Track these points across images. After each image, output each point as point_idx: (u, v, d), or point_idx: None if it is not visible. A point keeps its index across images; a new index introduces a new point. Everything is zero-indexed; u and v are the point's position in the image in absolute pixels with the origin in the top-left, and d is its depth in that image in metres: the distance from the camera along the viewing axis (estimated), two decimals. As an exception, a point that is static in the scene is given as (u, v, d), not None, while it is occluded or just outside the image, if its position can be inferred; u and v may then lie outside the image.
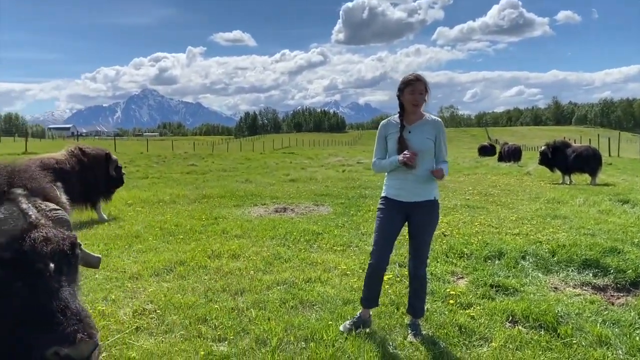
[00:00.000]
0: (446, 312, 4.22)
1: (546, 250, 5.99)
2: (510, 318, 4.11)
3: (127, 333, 3.92)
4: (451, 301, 4.46)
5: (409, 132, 3.76)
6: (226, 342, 3.75)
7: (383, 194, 3.95)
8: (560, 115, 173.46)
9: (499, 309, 4.25)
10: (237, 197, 11.54)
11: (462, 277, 5.29)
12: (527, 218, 8.53)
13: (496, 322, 4.00)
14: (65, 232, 1.77)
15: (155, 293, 4.79)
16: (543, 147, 16.27)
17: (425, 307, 4.02)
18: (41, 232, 1.65)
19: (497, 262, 5.72)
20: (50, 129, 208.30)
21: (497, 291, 4.77)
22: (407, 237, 4.00)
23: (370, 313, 4.04)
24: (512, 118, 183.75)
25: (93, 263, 2.17)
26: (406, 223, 3.91)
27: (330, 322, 4.02)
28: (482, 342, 3.70)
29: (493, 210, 9.50)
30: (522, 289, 4.82)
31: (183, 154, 37.86)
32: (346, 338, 3.71)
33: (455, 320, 4.03)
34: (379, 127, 3.99)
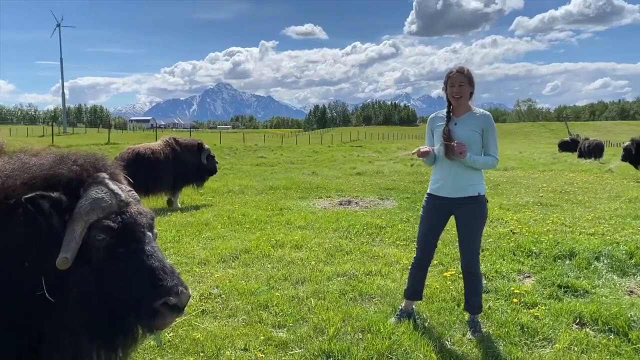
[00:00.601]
0: (508, 311, 4.11)
1: (623, 251, 5.65)
2: (578, 320, 3.94)
3: (193, 315, 4.12)
4: (515, 300, 4.33)
5: (455, 124, 3.76)
6: (285, 329, 3.85)
7: (428, 191, 3.96)
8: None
9: (565, 310, 4.07)
10: (303, 189, 11.72)
11: (528, 276, 5.11)
12: (605, 218, 8.07)
13: (562, 324, 3.85)
14: (147, 208, 2.06)
15: (221, 279, 4.99)
16: (627, 143, 15.27)
17: (482, 304, 3.94)
18: (135, 208, 1.93)
19: (567, 262, 5.47)
20: (131, 120, 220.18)
21: (565, 292, 4.57)
22: (453, 231, 3.96)
23: (414, 306, 4.08)
24: (595, 112, 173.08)
25: None
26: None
27: (388, 315, 4.04)
28: (545, 343, 3.58)
29: (568, 209, 9.06)
30: (593, 290, 4.59)
31: (253, 146, 38.83)
32: (403, 332, 3.70)
33: (518, 319, 3.91)
34: (428, 120, 4.04)
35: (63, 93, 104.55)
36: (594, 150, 23.50)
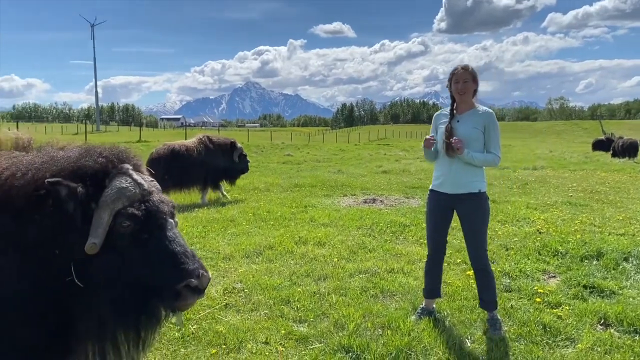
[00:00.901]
0: (531, 310, 4.07)
1: (654, 252, 5.52)
2: (602, 321, 3.87)
3: (216, 309, 4.21)
4: (538, 299, 4.28)
5: (457, 121, 3.79)
6: (306, 324, 3.91)
7: (430, 187, 4.02)
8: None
9: (590, 310, 4.01)
10: (328, 187, 11.76)
11: (553, 276, 5.05)
12: (636, 218, 7.89)
13: (585, 324, 3.79)
14: (168, 197, 2.18)
15: (245, 274, 5.07)
16: None
17: (497, 300, 3.91)
18: (157, 196, 2.05)
19: (594, 262, 5.37)
20: (162, 119, 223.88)
21: (590, 292, 4.50)
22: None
23: (434, 304, 4.10)
24: (631, 110, 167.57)
25: None
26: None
27: (409, 313, 4.05)
28: (567, 343, 3.54)
29: (597, 209, 8.88)
30: (620, 292, 4.51)
31: (280, 144, 39.05)
32: (423, 329, 3.72)
33: (540, 318, 3.87)
34: (433, 118, 4.09)
35: (96, 92, 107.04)
36: (628, 150, 22.86)
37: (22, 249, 1.94)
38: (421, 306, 4.10)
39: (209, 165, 9.89)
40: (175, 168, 9.15)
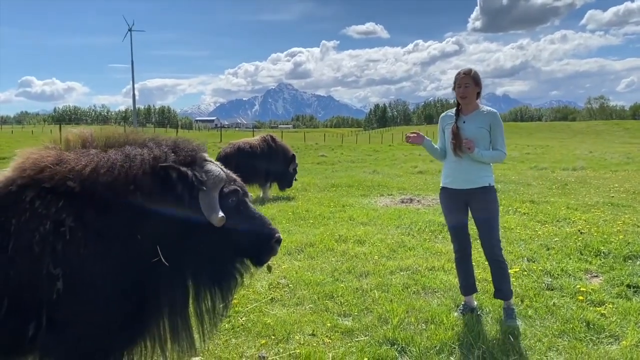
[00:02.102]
0: (574, 308, 4.09)
1: (700, 253, 5.44)
2: (647, 319, 3.88)
3: (263, 302, 4.39)
4: (580, 297, 4.30)
5: (464, 122, 3.96)
6: (350, 318, 4.04)
7: (441, 185, 4.19)
8: None
9: (634, 309, 4.02)
10: (364, 187, 11.87)
11: (596, 276, 5.03)
12: (682, 219, 7.71)
13: (630, 322, 3.80)
14: None
15: (288, 270, 5.24)
16: None
17: (512, 289, 4.02)
18: (239, 180, 2.54)
19: (638, 262, 5.33)
20: (196, 121, 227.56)
21: (635, 292, 4.49)
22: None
23: (475, 301, 4.19)
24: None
25: None
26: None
27: (451, 309, 4.14)
28: (611, 340, 3.56)
29: (641, 210, 8.71)
30: (665, 292, 4.48)
31: (314, 145, 39.29)
32: (466, 324, 3.80)
33: (584, 316, 3.89)
34: (439, 119, 4.28)
35: (134, 94, 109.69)
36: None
37: (123, 235, 2.20)
38: (462, 303, 4.19)
39: (270, 162, 10.38)
40: (241, 164, 9.62)
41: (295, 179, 11.02)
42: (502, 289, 3.96)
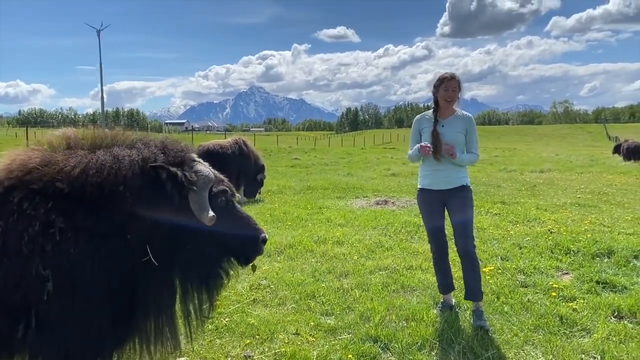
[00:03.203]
0: (547, 304, 4.26)
1: (663, 251, 5.70)
2: (616, 313, 4.06)
3: (245, 303, 4.42)
4: (553, 293, 4.47)
5: (442, 125, 4.03)
6: (333, 316, 4.11)
7: (419, 186, 4.25)
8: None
9: (603, 303, 4.20)
10: (340, 189, 11.97)
11: (567, 273, 5.23)
12: (645, 218, 8.05)
13: (600, 316, 3.98)
14: None
15: (268, 271, 5.27)
16: None
17: (483, 290, 4.06)
18: (226, 181, 2.59)
19: (606, 260, 5.56)
20: (166, 123, 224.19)
21: (603, 287, 4.69)
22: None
23: (453, 298, 4.28)
24: (635, 114, 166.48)
25: None
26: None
27: (430, 306, 4.24)
28: (583, 333, 3.72)
29: (606, 210, 9.05)
30: (631, 287, 4.68)
31: (287, 148, 39.29)
32: (446, 321, 3.90)
33: (557, 311, 4.06)
34: (414, 121, 4.29)
35: (102, 97, 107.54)
36: (634, 152, 22.94)
37: (108, 235, 2.20)
38: (441, 301, 4.30)
39: (241, 165, 10.24)
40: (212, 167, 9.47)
41: (260, 190, 10.75)
42: (473, 286, 3.98)
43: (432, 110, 4.15)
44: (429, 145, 3.95)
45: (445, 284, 4.24)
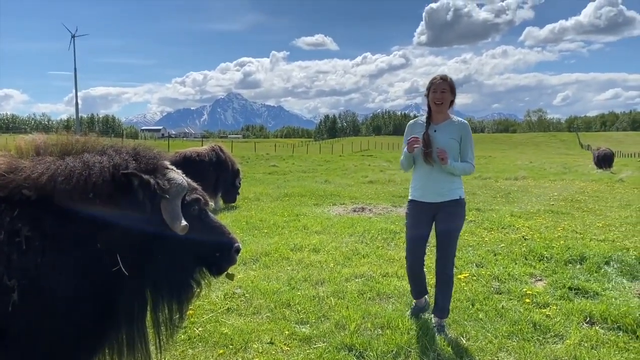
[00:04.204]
0: (521, 310, 4.29)
1: (633, 257, 5.81)
2: (588, 319, 4.11)
3: (219, 312, 4.35)
4: (527, 300, 4.51)
5: (435, 130, 3.84)
6: (308, 325, 4.06)
7: (409, 197, 4.05)
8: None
9: (576, 309, 4.25)
10: (317, 197, 11.95)
11: (540, 279, 5.29)
12: (615, 225, 8.22)
13: (572, 322, 4.03)
14: None
15: (243, 279, 5.21)
16: None
17: (450, 308, 4.05)
18: (200, 189, 2.52)
19: (578, 266, 5.64)
20: (142, 130, 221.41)
21: (576, 294, 4.74)
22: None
23: (426, 298, 4.29)
24: (606, 122, 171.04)
25: None
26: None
27: (406, 313, 4.23)
28: (556, 340, 3.76)
29: (578, 217, 9.21)
30: (603, 293, 4.75)
31: (265, 155, 39.15)
32: (421, 328, 3.90)
33: (530, 317, 4.09)
34: (407, 127, 4.11)
35: (77, 103, 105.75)
36: (605, 160, 23.49)
37: (79, 244, 2.12)
38: (414, 304, 4.27)
39: (219, 172, 10.23)
40: (188, 174, 9.43)
41: (239, 193, 10.88)
42: (443, 306, 3.95)
43: (425, 115, 3.96)
44: (417, 137, 3.75)
45: (419, 291, 4.22)
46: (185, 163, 9.72)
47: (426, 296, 4.30)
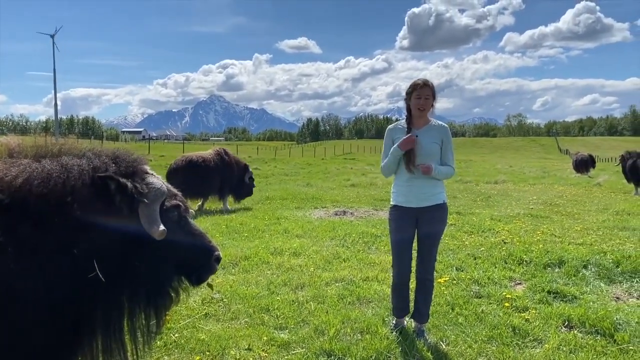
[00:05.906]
0: (500, 314, 4.29)
1: (610, 260, 5.87)
2: (566, 323, 4.12)
3: (196, 318, 4.26)
4: (506, 304, 4.51)
5: (416, 135, 3.78)
6: (287, 330, 4.01)
7: (392, 203, 3.97)
8: (639, 125, 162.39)
9: (555, 313, 4.27)
10: (299, 200, 11.90)
11: (520, 283, 5.30)
12: (593, 229, 8.31)
13: (551, 326, 4.03)
14: None
15: (222, 284, 5.13)
16: (623, 153, 15.82)
17: (430, 313, 4.02)
18: (180, 195, 2.49)
19: (557, 270, 5.68)
20: (123, 132, 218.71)
21: (554, 297, 4.77)
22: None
23: (406, 319, 4.10)
24: (584, 127, 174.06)
25: None
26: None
27: (386, 318, 4.20)
28: (535, 344, 3.76)
29: (557, 220, 9.30)
30: (581, 296, 4.78)
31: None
32: (400, 332, 3.87)
33: (510, 322, 4.09)
34: (386, 131, 4.02)
35: (56, 104, 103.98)
36: (583, 165, 23.85)
37: (52, 250, 2.03)
38: (394, 323, 4.06)
39: (225, 175, 10.57)
40: (194, 177, 9.84)
41: (254, 185, 11.46)
42: (423, 311, 3.91)
43: (404, 119, 3.90)
44: (414, 138, 3.70)
45: (401, 307, 4.03)
46: (191, 167, 10.18)
47: (407, 317, 4.09)
